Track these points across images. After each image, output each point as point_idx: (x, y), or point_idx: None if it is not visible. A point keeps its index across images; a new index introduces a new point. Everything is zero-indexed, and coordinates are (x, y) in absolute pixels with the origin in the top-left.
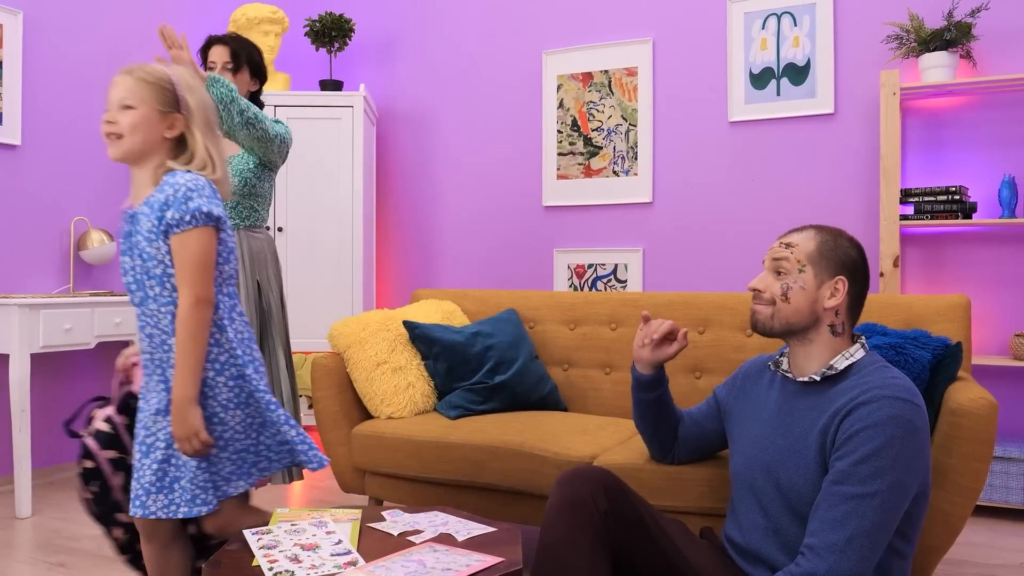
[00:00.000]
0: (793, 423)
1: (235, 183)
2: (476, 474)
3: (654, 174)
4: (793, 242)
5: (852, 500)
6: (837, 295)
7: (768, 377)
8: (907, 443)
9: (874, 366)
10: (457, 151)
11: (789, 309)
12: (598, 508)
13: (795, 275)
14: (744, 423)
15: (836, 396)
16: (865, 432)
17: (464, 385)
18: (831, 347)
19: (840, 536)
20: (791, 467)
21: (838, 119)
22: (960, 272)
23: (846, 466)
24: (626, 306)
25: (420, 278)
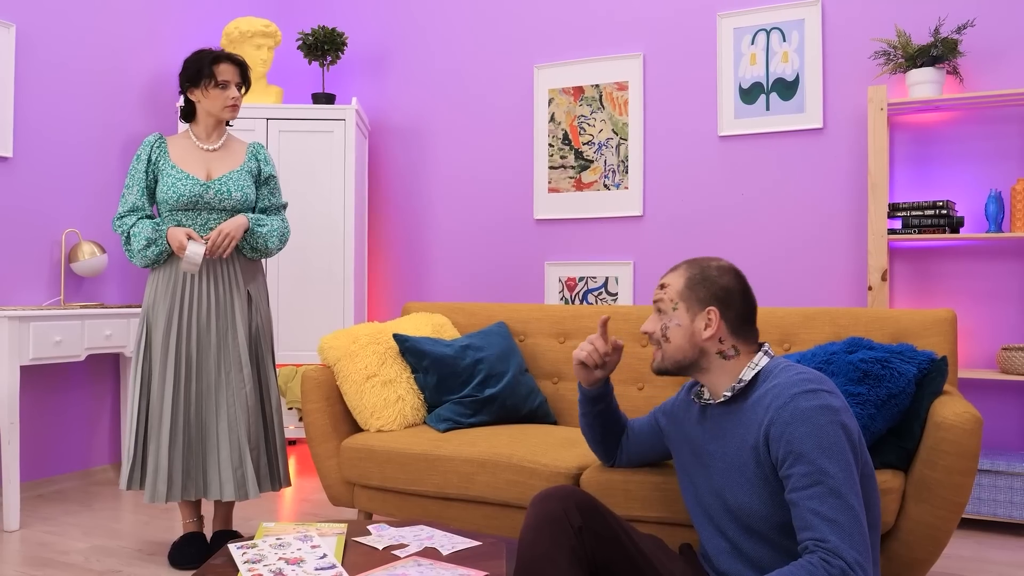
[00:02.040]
0: (726, 444)
1: (237, 197)
2: (465, 487)
3: (644, 188)
4: (666, 282)
5: (829, 496)
6: (711, 325)
7: (696, 409)
8: (837, 424)
9: (779, 368)
10: (449, 164)
11: (671, 348)
12: (572, 524)
13: (670, 314)
14: (684, 453)
15: (754, 407)
16: (799, 431)
17: (454, 398)
18: (729, 370)
19: (840, 530)
20: (735, 487)
21: (827, 134)
22: (947, 286)
23: (804, 468)
24: (616, 319)
25: (411, 291)
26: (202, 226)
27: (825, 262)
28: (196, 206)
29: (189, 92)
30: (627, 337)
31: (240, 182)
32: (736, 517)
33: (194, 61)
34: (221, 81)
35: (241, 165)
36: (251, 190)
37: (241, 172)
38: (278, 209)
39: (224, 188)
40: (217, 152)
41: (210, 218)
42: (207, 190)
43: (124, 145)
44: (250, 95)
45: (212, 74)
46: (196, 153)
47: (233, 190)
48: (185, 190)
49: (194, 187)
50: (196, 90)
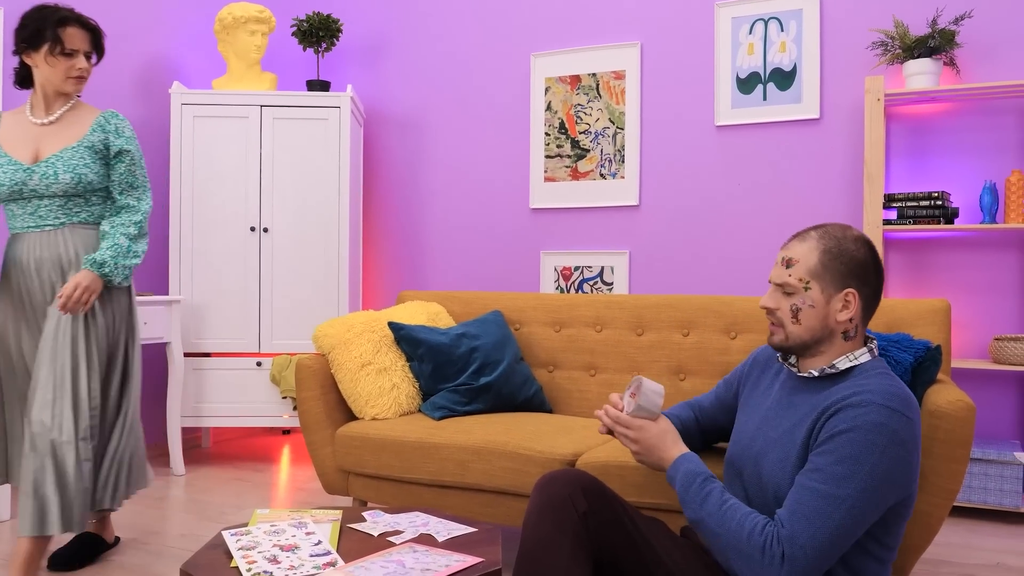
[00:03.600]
0: (786, 417)
1: (66, 180)
2: (460, 475)
3: (641, 177)
4: (794, 258)
5: (823, 499)
6: (849, 307)
7: (776, 368)
8: (887, 453)
9: (875, 371)
10: (444, 152)
11: (801, 329)
12: (577, 509)
13: (801, 294)
14: (746, 411)
15: (831, 395)
16: (848, 434)
17: (449, 386)
18: (841, 350)
19: (805, 531)
20: (775, 460)
21: (823, 124)
22: (942, 276)
23: (824, 463)
24: (611, 308)
25: (407, 280)
26: (32, 214)
27: None
28: (22, 194)
29: (25, 55)
30: (624, 327)
31: (73, 161)
32: (765, 488)
33: (35, 19)
34: (68, 49)
35: (80, 140)
36: (89, 170)
37: (77, 149)
38: (133, 191)
39: (50, 171)
40: (52, 126)
41: (40, 205)
42: (31, 175)
43: None
44: (243, 81)
45: (57, 38)
46: (27, 129)
47: (61, 172)
48: (5, 178)
49: (15, 173)
50: (35, 54)
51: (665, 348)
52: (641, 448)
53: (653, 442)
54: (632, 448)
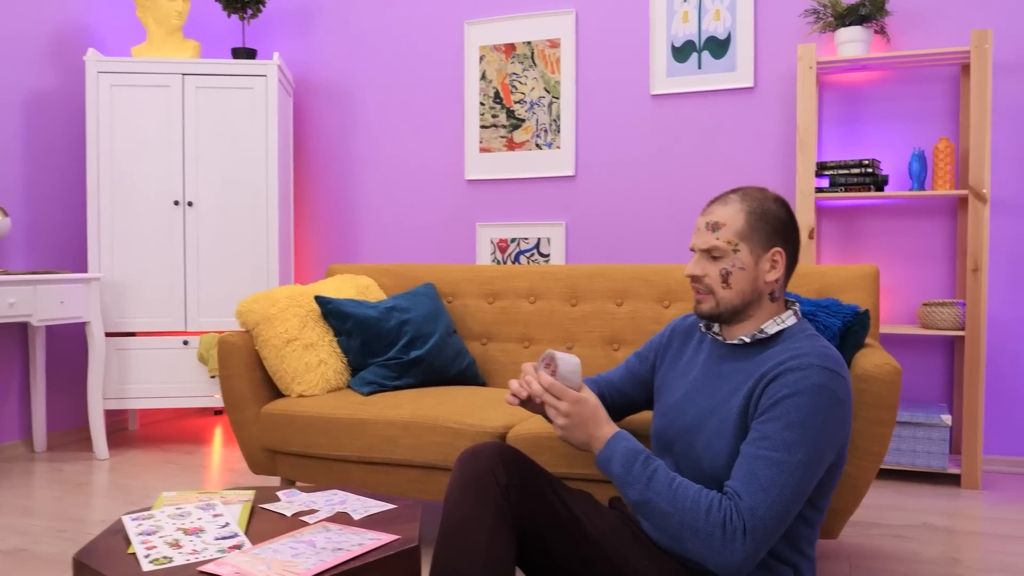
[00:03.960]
0: (718, 386)
1: None
2: (389, 451)
3: (577, 147)
4: (720, 221)
5: (776, 466)
6: (777, 267)
7: (697, 338)
8: (831, 414)
9: (804, 333)
10: (377, 123)
11: (732, 294)
12: (499, 482)
13: (731, 257)
14: (670, 383)
15: (765, 361)
16: (792, 399)
17: (378, 361)
18: (768, 313)
19: (763, 501)
20: (709, 430)
21: (758, 93)
22: (872, 244)
23: (771, 430)
24: (545, 279)
25: (341, 254)
26: None
27: None
28: None
29: None
30: (558, 298)
31: None
32: (699, 460)
33: None
34: None
35: None
36: None
37: None
38: None
39: None
40: None
41: None
42: None
43: (27, 103)
44: (164, 49)
45: None
46: None
47: None
48: None
49: None
50: None
51: (599, 318)
52: (572, 423)
53: (587, 416)
54: (560, 422)
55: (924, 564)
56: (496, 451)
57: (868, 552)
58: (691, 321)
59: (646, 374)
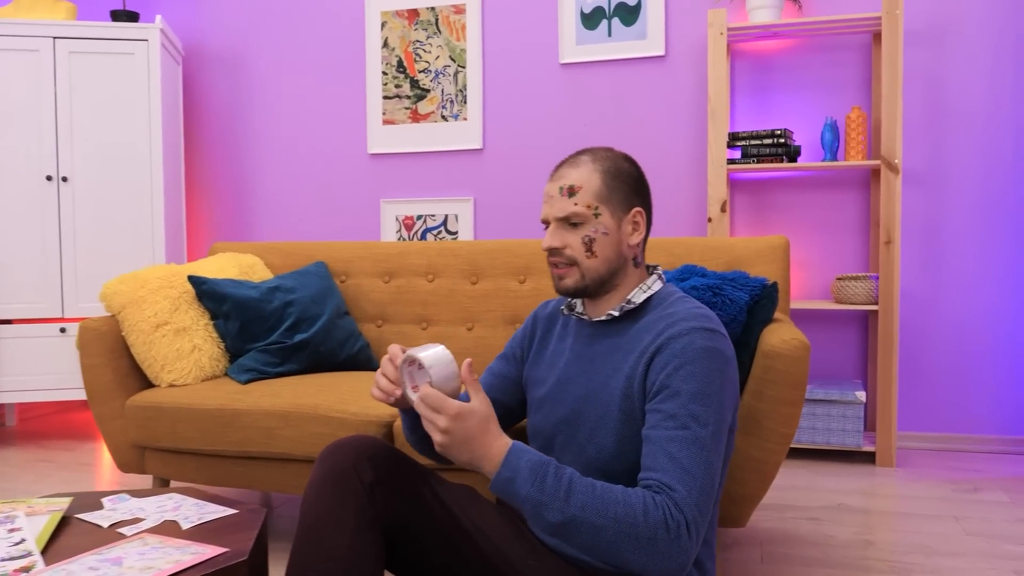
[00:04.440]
0: (593, 369)
1: None
2: (267, 443)
3: (484, 118)
4: (576, 184)
5: (692, 445)
6: (639, 228)
7: (561, 323)
8: (725, 374)
9: (674, 297)
10: (274, 93)
11: (598, 263)
12: (362, 480)
13: (592, 223)
14: (539, 376)
15: (640, 334)
16: (686, 369)
17: (259, 346)
18: (633, 280)
19: (693, 485)
20: (592, 418)
21: (669, 62)
22: (785, 217)
23: (675, 408)
24: (444, 256)
25: (238, 232)
26: None
27: (667, 193)
28: None
29: None
30: (457, 275)
31: None
32: (583, 450)
33: None
34: None
35: None
36: None
37: None
38: None
39: None
40: None
41: None
42: None
43: None
44: (34, 10)
45: None
46: None
47: None
48: None
49: None
50: None
51: (501, 296)
52: (453, 440)
53: (472, 431)
54: (439, 440)
55: (838, 547)
56: (360, 445)
57: (781, 537)
58: (553, 307)
59: (516, 375)
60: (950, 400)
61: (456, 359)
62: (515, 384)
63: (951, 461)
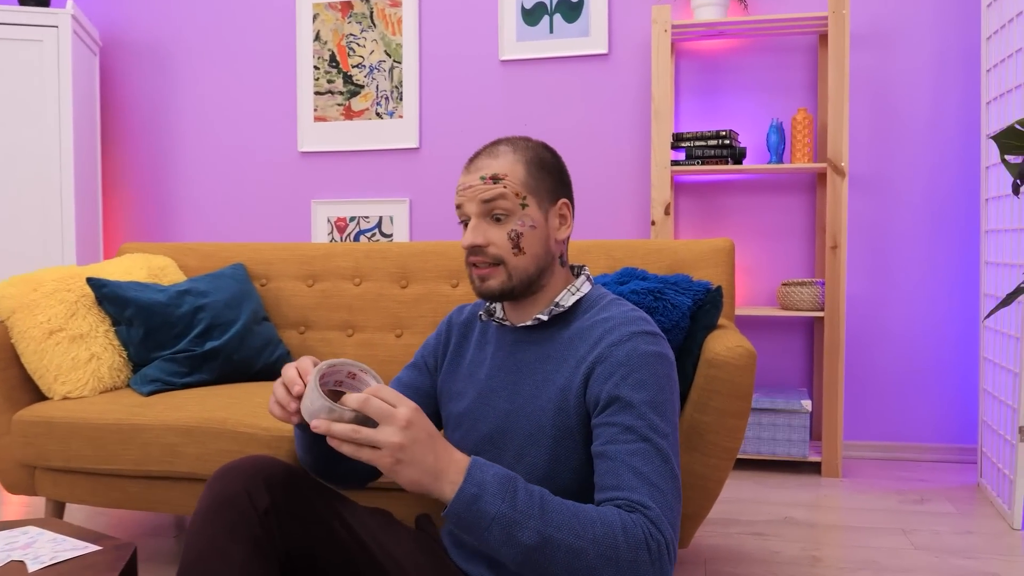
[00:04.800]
0: (518, 381)
1: None
2: (170, 462)
3: (421, 117)
4: (500, 172)
5: (657, 457)
6: (566, 221)
7: (479, 329)
8: (670, 377)
9: (605, 300)
10: (199, 87)
11: (527, 260)
12: (256, 506)
13: (519, 215)
14: (456, 390)
15: (572, 342)
16: (634, 377)
17: (165, 354)
18: (560, 281)
19: (664, 499)
20: (520, 435)
21: (612, 60)
22: (731, 221)
23: (630, 420)
24: (372, 258)
25: (159, 235)
26: None
27: (610, 195)
28: None
29: None
30: (386, 279)
31: None
32: (510, 468)
33: None
34: None
35: None
36: None
37: None
38: None
39: None
40: None
41: None
42: None
43: None
44: None
45: None
46: None
47: None
48: None
49: None
50: None
51: (432, 301)
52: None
53: (431, 439)
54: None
55: (785, 564)
56: (255, 467)
57: (725, 554)
58: (469, 311)
59: (430, 387)
60: (895, 409)
61: (384, 368)
62: (428, 397)
63: (896, 471)
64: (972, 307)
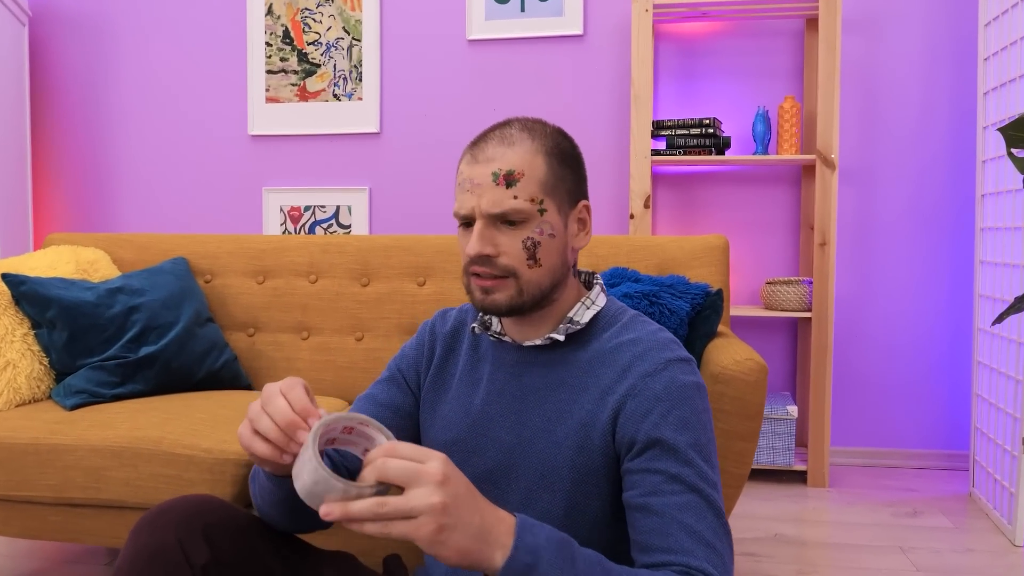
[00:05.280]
0: (525, 410)
1: None
2: (95, 488)
3: (382, 99)
4: (516, 170)
5: (707, 508)
6: (586, 226)
7: (467, 342)
8: (708, 409)
9: (626, 316)
10: (140, 63)
11: (542, 274)
12: (191, 561)
13: (536, 221)
14: (441, 413)
15: (593, 367)
16: (674, 416)
17: (93, 362)
18: (572, 293)
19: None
20: (529, 476)
21: (588, 41)
22: (711, 215)
23: (674, 467)
24: (329, 252)
25: (95, 224)
26: None
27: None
28: None
29: None
30: (345, 276)
31: None
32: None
33: None
34: None
35: None
36: None
37: None
38: None
39: None
40: None
41: None
42: None
43: None
44: None
45: None
46: None
47: None
48: None
49: None
50: None
51: (396, 301)
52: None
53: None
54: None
55: None
56: (192, 510)
57: None
58: (455, 320)
59: (410, 406)
60: (881, 413)
61: (343, 376)
62: (410, 419)
63: (883, 479)
64: (966, 308)
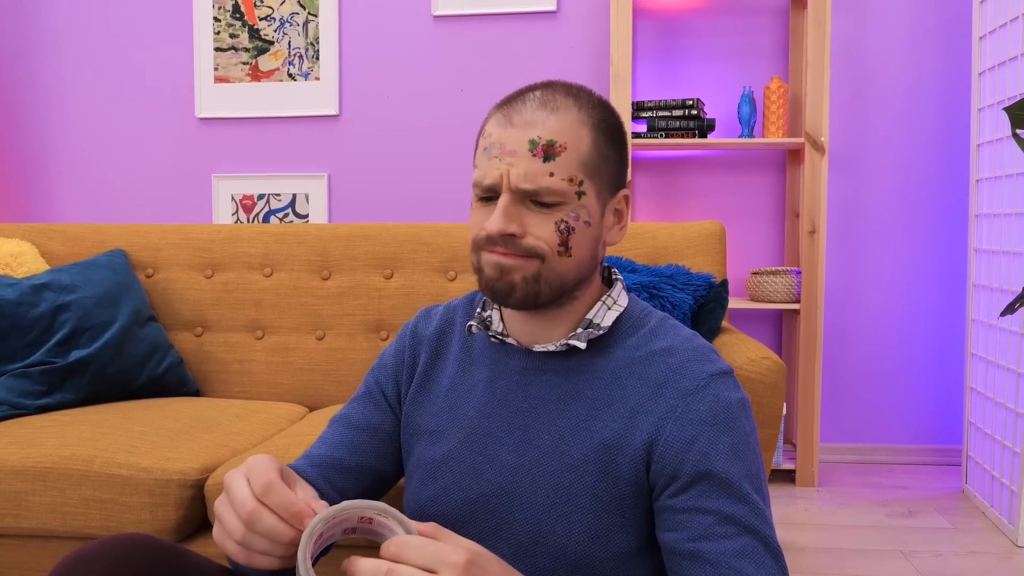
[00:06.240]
0: (533, 425)
1: None
2: (15, 515)
3: (341, 79)
4: (559, 141)
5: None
6: (622, 220)
7: (458, 342)
8: (754, 429)
9: (653, 319)
10: (75, 38)
11: (567, 265)
12: None
13: (574, 205)
14: (430, 427)
15: (619, 378)
16: (723, 443)
17: (15, 368)
18: (593, 292)
19: None
20: (539, 503)
21: (561, 17)
22: (693, 201)
23: (731, 506)
24: (285, 242)
25: (24, 214)
26: None
27: None
28: None
29: None
30: (304, 268)
31: None
32: (526, 552)
33: None
34: None
35: None
36: None
37: None
38: None
39: None
40: None
41: None
42: None
43: None
44: None
45: None
46: None
47: None
48: None
49: None
50: None
51: (361, 296)
52: None
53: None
54: None
55: None
56: (119, 555)
57: None
58: (441, 319)
59: (391, 426)
60: (871, 408)
61: (303, 380)
62: (390, 440)
63: (874, 476)
64: (959, 298)
